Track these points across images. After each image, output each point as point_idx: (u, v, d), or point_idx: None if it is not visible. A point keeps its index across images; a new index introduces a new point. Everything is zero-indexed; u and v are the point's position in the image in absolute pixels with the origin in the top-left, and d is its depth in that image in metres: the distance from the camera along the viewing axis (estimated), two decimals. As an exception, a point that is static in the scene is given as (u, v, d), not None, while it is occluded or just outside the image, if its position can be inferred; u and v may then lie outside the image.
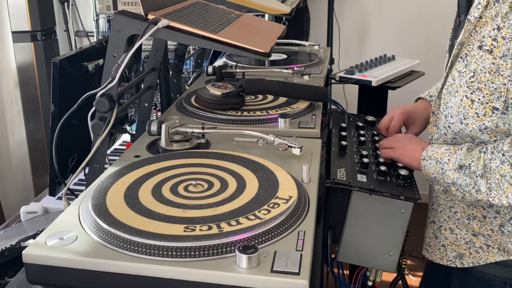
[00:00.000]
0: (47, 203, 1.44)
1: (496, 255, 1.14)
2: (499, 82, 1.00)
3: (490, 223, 1.14)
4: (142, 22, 1.06)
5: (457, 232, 1.20)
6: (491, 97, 1.02)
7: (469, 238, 1.18)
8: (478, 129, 1.06)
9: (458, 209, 1.19)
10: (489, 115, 1.04)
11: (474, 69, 1.04)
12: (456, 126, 1.11)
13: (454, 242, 1.21)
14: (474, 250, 1.17)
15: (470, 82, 1.05)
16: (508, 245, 1.13)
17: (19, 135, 2.80)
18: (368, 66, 2.04)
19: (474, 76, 1.04)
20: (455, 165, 1.07)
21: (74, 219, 0.81)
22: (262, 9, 1.87)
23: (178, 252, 0.71)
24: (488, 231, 1.14)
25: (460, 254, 1.20)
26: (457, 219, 1.19)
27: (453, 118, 1.11)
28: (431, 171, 1.12)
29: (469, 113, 1.06)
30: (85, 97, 1.08)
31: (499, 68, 1.00)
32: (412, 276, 2.61)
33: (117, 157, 1.10)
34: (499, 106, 1.02)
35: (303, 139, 1.11)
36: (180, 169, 0.97)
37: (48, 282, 0.74)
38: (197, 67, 2.11)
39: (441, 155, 1.11)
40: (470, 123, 1.07)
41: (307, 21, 3.27)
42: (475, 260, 1.17)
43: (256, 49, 1.10)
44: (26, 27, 2.93)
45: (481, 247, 1.16)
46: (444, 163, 1.09)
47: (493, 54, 1.00)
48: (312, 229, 0.79)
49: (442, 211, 1.23)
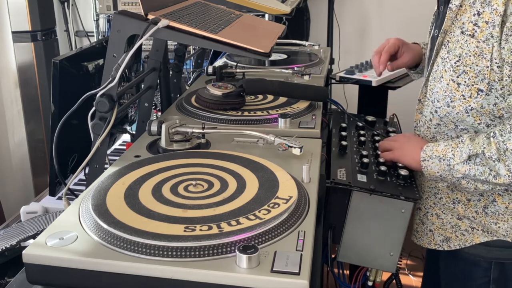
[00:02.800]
0: (47, 203, 1.44)
1: (481, 237, 1.19)
2: (483, 64, 1.06)
3: (475, 206, 1.18)
4: (142, 22, 1.06)
5: (443, 217, 1.24)
6: (476, 79, 1.08)
7: (455, 222, 1.22)
8: (464, 110, 1.12)
9: (443, 194, 1.23)
10: (475, 97, 1.09)
11: (459, 53, 1.10)
12: (443, 109, 1.16)
13: (440, 227, 1.25)
14: (460, 233, 1.22)
15: (456, 66, 1.11)
16: (492, 226, 1.17)
17: (19, 135, 2.80)
18: (368, 66, 2.04)
19: (460, 60, 1.10)
20: (462, 158, 1.08)
21: (74, 219, 0.81)
22: (262, 9, 1.87)
23: (178, 252, 0.71)
24: (473, 213, 1.19)
25: (446, 237, 1.24)
26: (443, 204, 1.23)
27: (440, 102, 1.16)
28: (435, 170, 1.13)
29: (456, 95, 1.12)
30: (85, 97, 1.08)
31: (482, 51, 1.06)
32: (412, 276, 2.61)
33: (117, 157, 1.10)
34: (483, 87, 1.08)
35: (303, 139, 1.11)
36: (180, 169, 0.97)
37: (48, 282, 0.74)
38: (197, 67, 2.11)
39: (443, 152, 1.11)
40: (457, 105, 1.12)
41: (307, 21, 3.27)
42: (461, 242, 1.22)
43: (256, 49, 1.10)
44: (26, 27, 2.93)
45: (466, 229, 1.21)
46: (449, 159, 1.10)
47: (477, 38, 1.06)
48: (312, 229, 0.79)
49: (428, 198, 1.27)
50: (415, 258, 2.58)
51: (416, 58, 1.47)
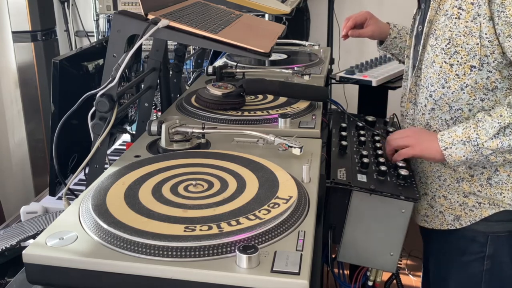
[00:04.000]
0: (47, 203, 1.44)
1: (488, 210, 1.24)
2: (473, 42, 1.15)
3: (478, 179, 1.25)
4: (142, 22, 1.06)
5: (450, 198, 1.29)
6: (467, 57, 1.17)
7: (462, 200, 1.27)
8: (459, 88, 1.20)
9: (446, 176, 1.28)
10: (468, 74, 1.18)
11: (449, 36, 1.19)
12: (437, 92, 1.24)
13: (449, 207, 1.30)
14: (468, 210, 1.27)
15: (447, 49, 1.20)
16: (497, 196, 1.23)
17: (19, 135, 2.80)
18: (368, 66, 2.04)
19: (450, 42, 1.19)
20: (489, 134, 1.11)
21: (74, 219, 0.81)
22: (262, 9, 1.87)
23: (178, 252, 0.71)
24: (478, 188, 1.25)
25: (457, 216, 1.28)
26: (448, 185, 1.29)
27: (434, 85, 1.24)
28: (460, 154, 1.15)
29: (450, 76, 1.21)
30: (85, 97, 1.08)
31: (471, 30, 1.15)
32: (412, 276, 2.61)
33: (117, 157, 1.10)
34: (475, 64, 1.17)
35: (303, 139, 1.11)
36: (180, 169, 0.97)
37: (48, 282, 0.74)
38: (197, 67, 2.11)
39: (465, 135, 1.14)
40: (452, 85, 1.21)
41: (307, 21, 3.27)
42: (471, 218, 1.26)
43: (256, 49, 1.10)
44: (26, 27, 2.93)
45: (474, 205, 1.26)
46: (474, 139, 1.13)
47: (465, 19, 1.15)
48: (312, 229, 0.79)
49: (432, 182, 1.32)
50: (415, 258, 2.58)
51: (377, 32, 1.63)
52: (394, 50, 1.64)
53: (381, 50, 1.68)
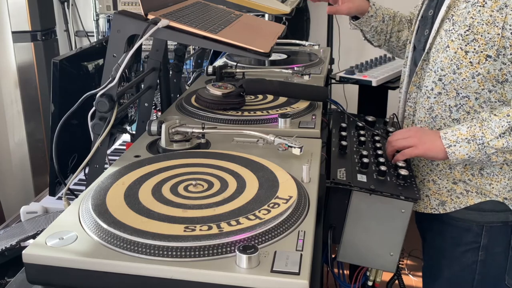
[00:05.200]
0: (47, 203, 1.44)
1: (475, 198, 1.28)
2: (494, 32, 1.16)
3: (471, 168, 1.27)
4: (142, 22, 1.06)
5: (439, 183, 1.32)
6: (485, 46, 1.18)
7: (450, 186, 1.31)
8: (471, 76, 1.21)
9: (440, 161, 1.30)
10: (483, 63, 1.19)
11: (470, 23, 1.19)
12: (448, 77, 1.25)
13: (436, 192, 1.33)
14: (455, 196, 1.30)
15: (465, 35, 1.20)
16: (486, 187, 1.27)
17: (19, 135, 2.80)
18: (368, 66, 2.04)
19: (470, 29, 1.19)
20: (495, 133, 1.12)
21: (74, 219, 0.81)
22: (262, 9, 1.87)
23: (178, 252, 0.71)
24: (469, 176, 1.28)
25: (442, 201, 1.32)
26: (439, 171, 1.32)
27: (445, 70, 1.25)
28: (464, 152, 1.16)
29: (463, 63, 1.21)
30: (85, 97, 1.08)
31: (495, 20, 1.15)
32: (412, 276, 2.61)
33: (117, 157, 1.10)
34: (492, 54, 1.18)
35: (303, 139, 1.11)
36: (180, 169, 0.97)
37: (48, 282, 0.74)
38: (197, 67, 2.11)
39: (469, 133, 1.15)
40: (464, 72, 1.21)
41: (307, 21, 3.27)
42: (456, 205, 1.30)
43: (256, 49, 1.10)
44: (26, 27, 2.93)
45: (462, 192, 1.29)
46: (480, 137, 1.14)
47: (491, 8, 1.16)
48: (312, 229, 0.79)
49: (424, 166, 1.35)
50: (415, 258, 2.58)
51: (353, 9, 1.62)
52: (366, 27, 1.65)
53: (353, 25, 1.68)
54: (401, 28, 1.65)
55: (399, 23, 1.65)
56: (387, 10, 1.65)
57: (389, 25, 1.64)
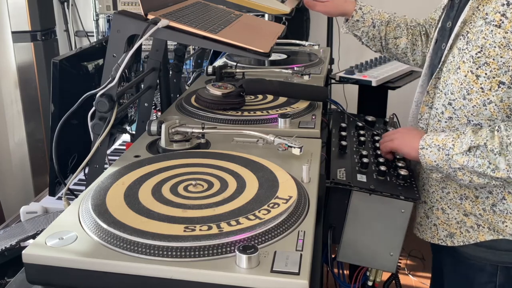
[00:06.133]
0: (47, 203, 1.44)
1: (486, 235, 1.17)
2: (508, 56, 1.03)
3: (483, 203, 1.16)
4: (142, 22, 1.06)
5: (449, 212, 1.22)
6: (498, 72, 1.05)
7: (461, 218, 1.20)
8: (482, 104, 1.09)
9: (451, 189, 1.21)
10: (495, 90, 1.06)
11: (482, 44, 1.06)
12: (458, 102, 1.13)
13: (445, 222, 1.23)
14: (465, 230, 1.20)
15: (477, 58, 1.07)
16: (499, 224, 1.15)
17: (19, 135, 2.80)
18: (368, 66, 2.04)
19: (482, 51, 1.06)
20: (462, 148, 1.06)
21: (74, 219, 0.81)
22: (262, 9, 1.87)
23: (178, 252, 0.71)
24: (480, 211, 1.17)
25: (451, 233, 1.22)
26: (450, 200, 1.21)
27: (455, 94, 1.13)
28: (432, 159, 1.11)
29: (474, 88, 1.09)
30: (85, 97, 1.08)
31: (509, 42, 1.02)
32: (412, 276, 2.61)
33: (117, 157, 1.10)
34: (505, 80, 1.05)
35: (303, 139, 1.11)
36: (180, 169, 0.97)
37: (48, 282, 0.74)
38: (197, 67, 2.11)
39: (443, 142, 1.10)
40: (474, 98, 1.09)
41: (307, 21, 3.27)
42: (465, 239, 1.20)
43: (256, 49, 1.10)
44: (26, 27, 2.93)
45: (472, 226, 1.19)
46: (448, 148, 1.09)
47: (504, 29, 1.02)
48: (312, 229, 0.79)
49: (434, 192, 1.25)
50: (415, 258, 2.58)
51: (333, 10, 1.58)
52: (356, 32, 1.58)
53: (345, 28, 1.61)
54: (398, 35, 1.55)
55: (395, 29, 1.55)
56: (380, 14, 1.55)
57: (381, 31, 1.54)
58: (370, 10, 1.55)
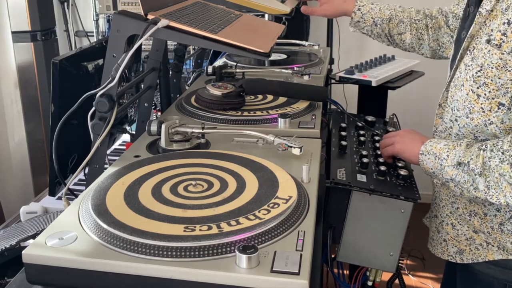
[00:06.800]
0: (47, 203, 1.44)
1: (495, 253, 1.14)
2: (506, 78, 0.99)
3: (491, 221, 1.14)
4: (142, 22, 1.06)
5: (459, 228, 1.20)
6: (497, 93, 1.01)
7: (470, 235, 1.18)
8: (483, 124, 1.06)
9: (460, 205, 1.18)
10: (495, 111, 1.03)
11: (482, 63, 1.03)
12: (462, 120, 1.11)
13: (455, 238, 1.21)
14: (474, 247, 1.17)
15: (477, 77, 1.04)
16: (508, 244, 1.12)
17: (19, 135, 2.80)
18: (368, 66, 2.04)
19: (481, 70, 1.03)
20: (453, 161, 1.05)
21: (74, 219, 0.81)
22: (262, 9, 1.87)
23: (178, 252, 0.71)
24: (488, 229, 1.14)
25: (460, 250, 1.20)
26: (459, 215, 1.19)
27: (460, 111, 1.11)
28: (429, 166, 1.11)
29: (475, 107, 1.06)
30: (85, 97, 1.08)
31: (506, 63, 0.98)
32: (412, 276, 2.61)
33: (117, 157, 1.10)
34: (505, 102, 1.01)
35: (303, 139, 1.11)
36: (180, 169, 0.97)
37: (47, 282, 0.74)
38: (197, 67, 2.11)
39: (440, 151, 1.09)
40: (476, 117, 1.07)
41: (307, 21, 3.26)
42: (474, 257, 1.17)
43: (256, 49, 1.10)
44: (26, 27, 2.93)
45: (481, 244, 1.16)
46: (443, 159, 1.07)
47: (501, 49, 0.98)
48: (312, 229, 0.79)
49: (444, 206, 1.23)
50: (415, 258, 2.58)
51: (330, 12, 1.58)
52: (362, 30, 1.58)
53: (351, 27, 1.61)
54: (401, 30, 1.54)
55: (398, 25, 1.54)
56: (380, 12, 1.54)
57: (384, 28, 1.54)
58: (370, 9, 1.54)
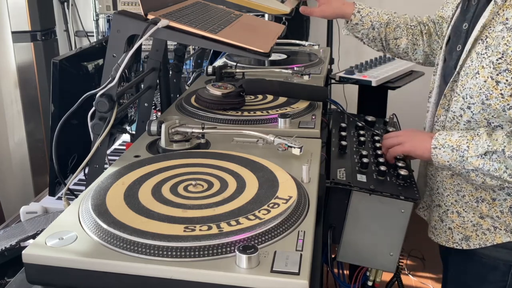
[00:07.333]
0: (47, 203, 1.44)
1: (503, 236, 1.18)
2: None
3: (500, 205, 1.17)
4: (142, 22, 1.06)
5: (464, 215, 1.22)
6: None
7: (476, 221, 1.20)
8: (501, 109, 1.09)
9: (466, 192, 1.21)
10: None
11: (504, 50, 1.05)
12: (477, 106, 1.13)
13: (461, 225, 1.23)
14: (481, 232, 1.20)
15: (498, 64, 1.07)
16: None
17: (19, 135, 2.80)
18: (368, 66, 2.04)
19: (503, 57, 1.06)
20: (477, 152, 1.07)
21: (74, 219, 0.81)
22: (262, 9, 1.87)
23: (178, 252, 0.71)
24: (497, 213, 1.17)
25: (466, 236, 1.23)
26: (465, 203, 1.22)
27: (474, 98, 1.13)
28: (446, 159, 1.12)
29: (493, 94, 1.09)
30: (85, 97, 1.08)
31: None
32: (412, 276, 2.61)
33: (117, 157, 1.10)
34: None
35: (303, 139, 1.11)
36: (179, 169, 0.97)
37: (47, 282, 0.74)
38: (197, 67, 2.11)
39: (457, 143, 1.11)
40: (493, 103, 1.09)
41: (307, 21, 3.27)
42: (482, 242, 1.20)
43: (256, 49, 1.10)
44: (26, 27, 2.93)
45: (489, 229, 1.19)
46: (463, 150, 1.10)
47: None
48: (312, 229, 0.79)
49: (449, 195, 1.25)
50: (415, 258, 2.58)
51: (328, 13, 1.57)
52: (357, 34, 1.58)
53: (345, 30, 1.60)
54: (397, 35, 1.55)
55: (395, 30, 1.55)
56: (379, 16, 1.55)
57: (381, 32, 1.54)
58: (368, 12, 1.55)
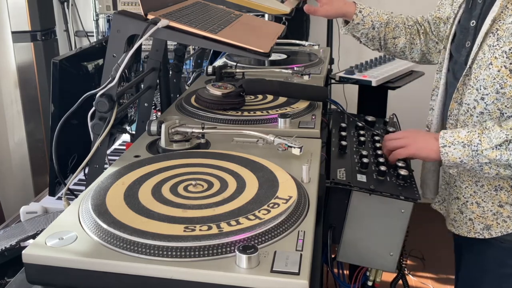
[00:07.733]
0: (47, 203, 1.44)
1: None
2: None
3: None
4: (142, 22, 1.06)
5: (484, 205, 1.25)
6: None
7: (496, 210, 1.23)
8: None
9: (485, 182, 1.23)
10: None
11: None
12: (491, 96, 1.17)
13: (481, 215, 1.25)
14: (501, 220, 1.23)
15: (510, 53, 1.12)
16: None
17: (19, 135, 2.80)
18: (368, 66, 2.04)
19: None
20: (492, 143, 1.10)
21: (74, 219, 0.81)
22: (262, 9, 1.87)
23: (178, 252, 0.71)
24: None
25: (487, 225, 1.25)
26: (484, 192, 1.24)
27: (488, 89, 1.17)
28: (457, 155, 1.14)
29: (507, 82, 1.14)
30: (85, 97, 1.08)
31: None
32: (412, 276, 2.61)
33: (117, 157, 1.10)
34: None
35: (303, 139, 1.11)
36: (179, 169, 0.97)
37: (47, 282, 0.74)
38: (197, 67, 2.11)
39: (467, 138, 1.13)
40: (508, 92, 1.14)
41: (307, 21, 3.26)
42: (503, 229, 1.23)
43: (256, 49, 1.10)
44: (26, 27, 2.93)
45: (509, 216, 1.22)
46: (476, 144, 1.12)
47: None
48: (312, 229, 0.79)
49: (468, 187, 1.27)
50: (415, 258, 2.58)
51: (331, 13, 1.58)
52: (356, 33, 1.59)
53: (344, 29, 1.61)
54: (396, 35, 1.56)
55: (394, 29, 1.56)
56: (379, 15, 1.56)
57: (381, 32, 1.55)
58: (369, 12, 1.56)
